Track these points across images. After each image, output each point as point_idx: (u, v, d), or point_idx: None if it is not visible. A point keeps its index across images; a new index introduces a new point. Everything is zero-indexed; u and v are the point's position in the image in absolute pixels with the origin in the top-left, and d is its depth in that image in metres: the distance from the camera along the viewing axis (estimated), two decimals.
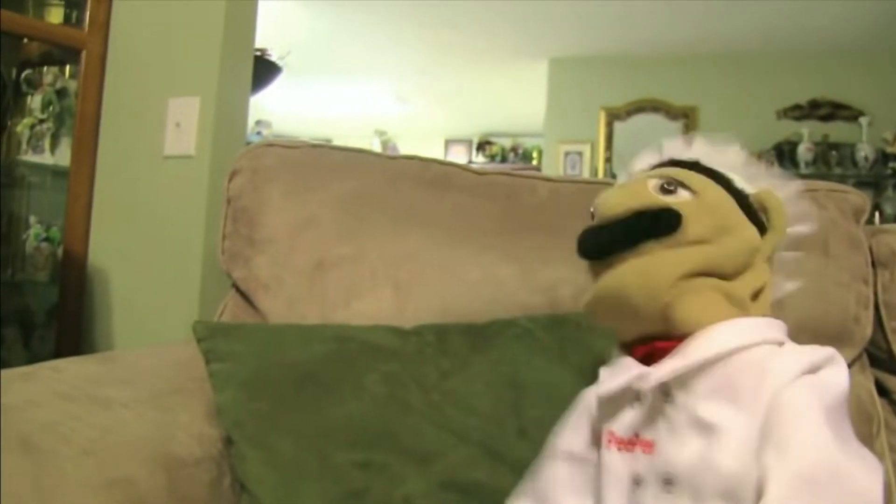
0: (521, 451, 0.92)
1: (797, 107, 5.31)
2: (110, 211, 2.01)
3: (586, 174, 5.68)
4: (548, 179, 1.33)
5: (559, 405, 0.87)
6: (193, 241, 1.91)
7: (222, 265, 1.32)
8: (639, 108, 5.69)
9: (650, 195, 0.75)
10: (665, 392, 0.71)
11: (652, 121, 5.63)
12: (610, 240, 0.75)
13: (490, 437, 0.96)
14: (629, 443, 0.74)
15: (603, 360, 0.82)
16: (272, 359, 1.01)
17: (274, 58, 4.00)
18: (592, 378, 0.81)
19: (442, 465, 0.93)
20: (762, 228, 0.77)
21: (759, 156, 4.43)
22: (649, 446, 0.72)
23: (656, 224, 0.73)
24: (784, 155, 5.14)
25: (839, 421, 0.65)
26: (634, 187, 0.77)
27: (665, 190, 0.75)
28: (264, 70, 3.54)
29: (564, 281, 1.19)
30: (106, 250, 2.01)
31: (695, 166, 0.79)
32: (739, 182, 0.80)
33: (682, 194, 0.75)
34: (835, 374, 0.68)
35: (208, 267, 1.87)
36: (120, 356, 1.16)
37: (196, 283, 1.89)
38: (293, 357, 1.01)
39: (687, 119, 5.55)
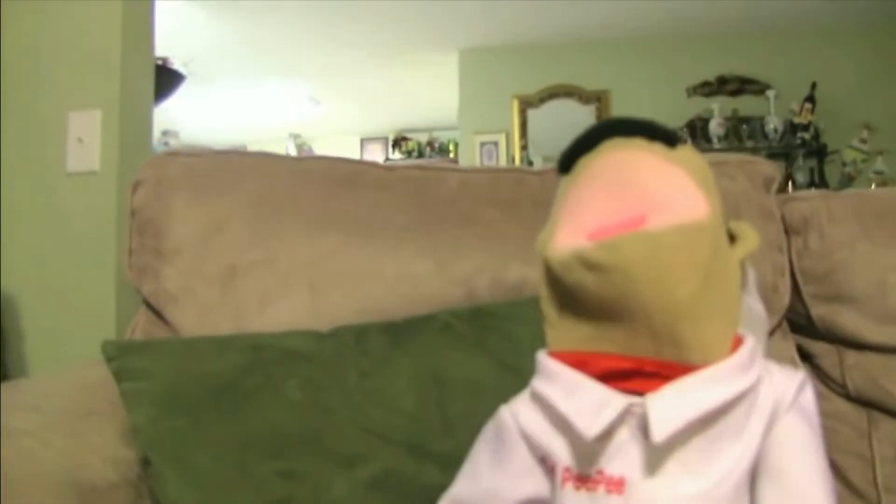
0: (448, 447, 0.91)
1: (706, 83, 5.40)
2: (14, 232, 1.94)
3: (503, 163, 5.69)
4: (457, 170, 1.31)
5: (482, 398, 0.86)
6: (105, 259, 1.85)
7: (132, 281, 1.27)
8: (551, 94, 5.71)
9: None
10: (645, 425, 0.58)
11: (565, 106, 5.66)
12: None
13: (415, 434, 0.95)
14: (592, 480, 0.61)
15: (523, 349, 0.78)
16: (186, 373, 0.97)
17: (176, 66, 3.92)
18: (515, 368, 0.79)
19: (368, 466, 0.92)
20: None
21: None
22: (618, 485, 0.60)
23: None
24: (697, 131, 5.21)
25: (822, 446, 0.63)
26: None
27: None
28: (167, 79, 3.50)
29: (480, 271, 1.17)
30: (12, 274, 1.93)
31: None
32: None
33: None
34: (811, 397, 0.64)
35: (122, 286, 1.82)
36: (25, 382, 1.11)
37: (111, 304, 1.83)
38: (208, 369, 0.98)
39: (599, 102, 5.60)
